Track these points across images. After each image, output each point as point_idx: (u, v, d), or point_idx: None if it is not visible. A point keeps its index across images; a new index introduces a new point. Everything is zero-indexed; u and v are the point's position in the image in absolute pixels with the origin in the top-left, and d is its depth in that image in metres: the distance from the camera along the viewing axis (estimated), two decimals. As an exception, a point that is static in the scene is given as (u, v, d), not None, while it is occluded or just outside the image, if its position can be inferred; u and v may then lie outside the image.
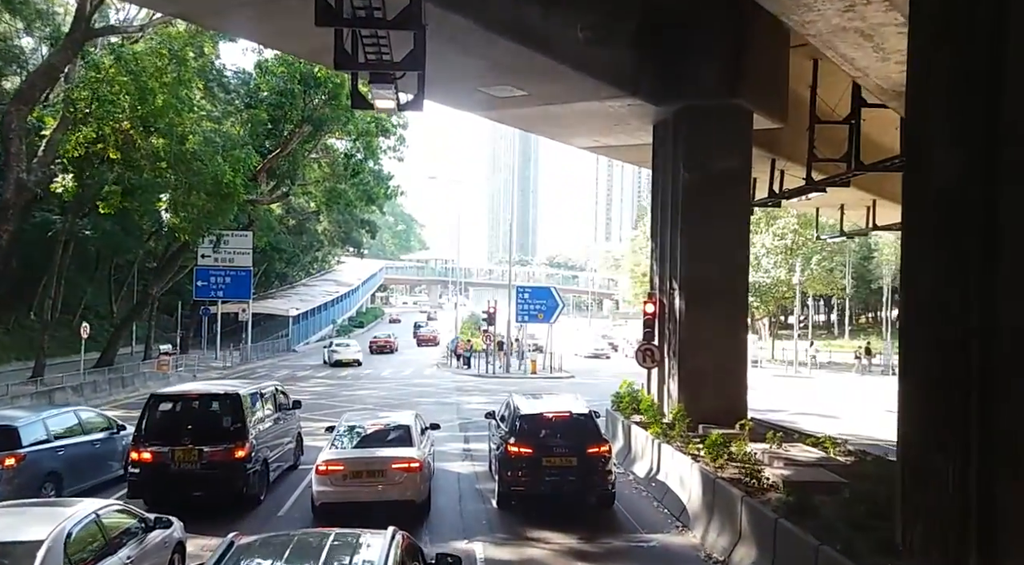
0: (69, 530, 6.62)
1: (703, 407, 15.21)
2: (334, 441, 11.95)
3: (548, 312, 36.39)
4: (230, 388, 12.96)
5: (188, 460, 11.74)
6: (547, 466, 11.74)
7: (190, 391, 13.43)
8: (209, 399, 12.94)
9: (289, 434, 14.78)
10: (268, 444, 13.17)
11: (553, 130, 19.42)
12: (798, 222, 47.99)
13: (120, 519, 7.71)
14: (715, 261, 15.75)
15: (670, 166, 16.64)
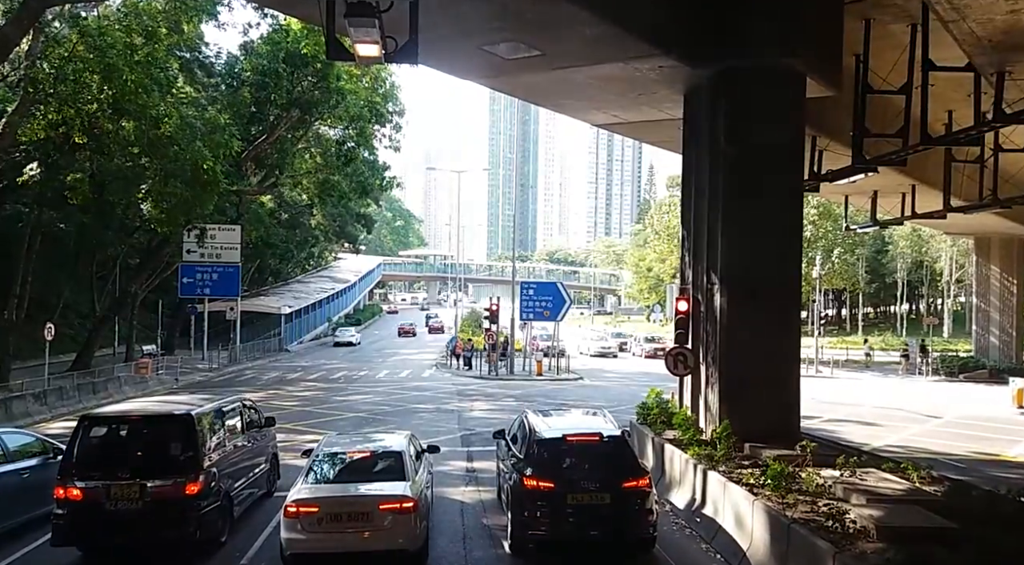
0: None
1: (748, 422, 12.88)
2: (308, 472, 9.62)
3: (554, 309, 34.08)
4: (181, 407, 10.54)
5: (127, 498, 9.37)
6: (572, 504, 9.37)
7: (130, 412, 10.99)
8: (154, 421, 10.51)
9: (261, 456, 12.47)
10: (231, 473, 10.76)
11: (567, 102, 17.04)
12: (817, 212, 45.71)
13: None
14: (763, 250, 13.41)
15: (706, 141, 14.29)
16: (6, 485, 10.68)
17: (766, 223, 13.45)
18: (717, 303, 13.62)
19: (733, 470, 11.48)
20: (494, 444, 17.36)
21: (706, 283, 14.07)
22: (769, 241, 13.46)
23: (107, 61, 22.88)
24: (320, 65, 29.51)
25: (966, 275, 64.77)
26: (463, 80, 15.61)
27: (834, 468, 11.08)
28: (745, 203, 13.51)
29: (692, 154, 15.21)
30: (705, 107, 14.37)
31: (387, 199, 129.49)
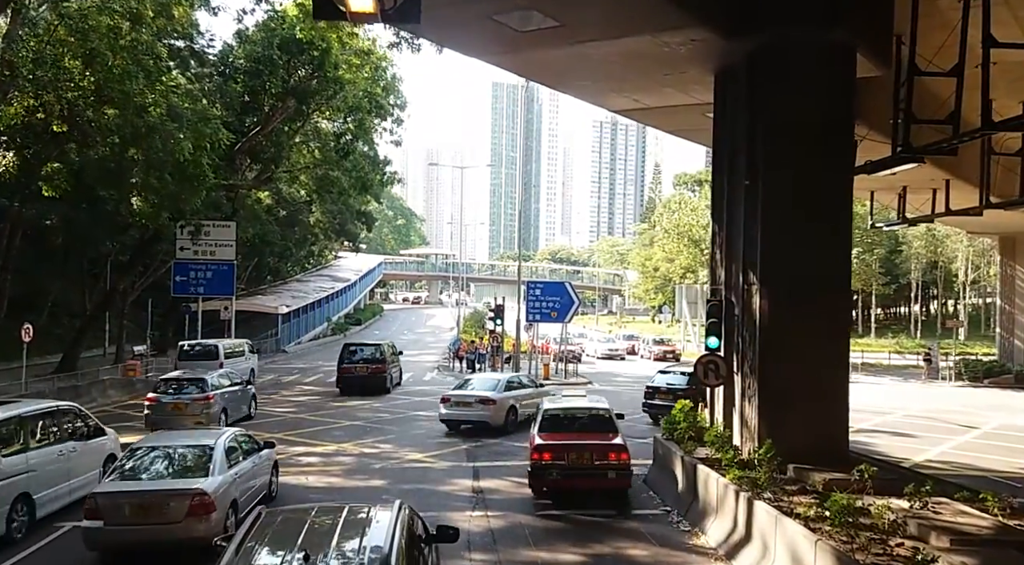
0: None
1: (791, 440, 11.38)
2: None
3: (562, 310, 32.55)
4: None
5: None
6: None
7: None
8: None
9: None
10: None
11: (583, 84, 15.55)
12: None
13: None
14: (809, 246, 11.92)
15: (743, 126, 12.80)
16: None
17: (813, 217, 11.94)
18: (756, 305, 12.12)
19: (780, 497, 10.00)
20: (503, 458, 15.99)
21: (742, 283, 12.56)
22: (816, 236, 11.95)
23: (89, 45, 21.46)
24: (317, 52, 28.02)
25: (982, 276, 63.25)
26: (469, 57, 14.13)
27: (899, 497, 9.59)
28: (788, 195, 12.00)
29: (725, 140, 13.72)
30: (741, 87, 12.87)
31: (388, 197, 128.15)
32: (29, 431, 11.14)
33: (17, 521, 10.43)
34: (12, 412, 11.09)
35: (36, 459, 10.99)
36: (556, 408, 13.83)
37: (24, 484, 10.58)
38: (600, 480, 12.17)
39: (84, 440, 12.35)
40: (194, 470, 10.15)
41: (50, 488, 11.17)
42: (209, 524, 9.40)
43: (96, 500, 9.41)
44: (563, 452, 12.17)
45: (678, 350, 48.76)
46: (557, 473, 12.13)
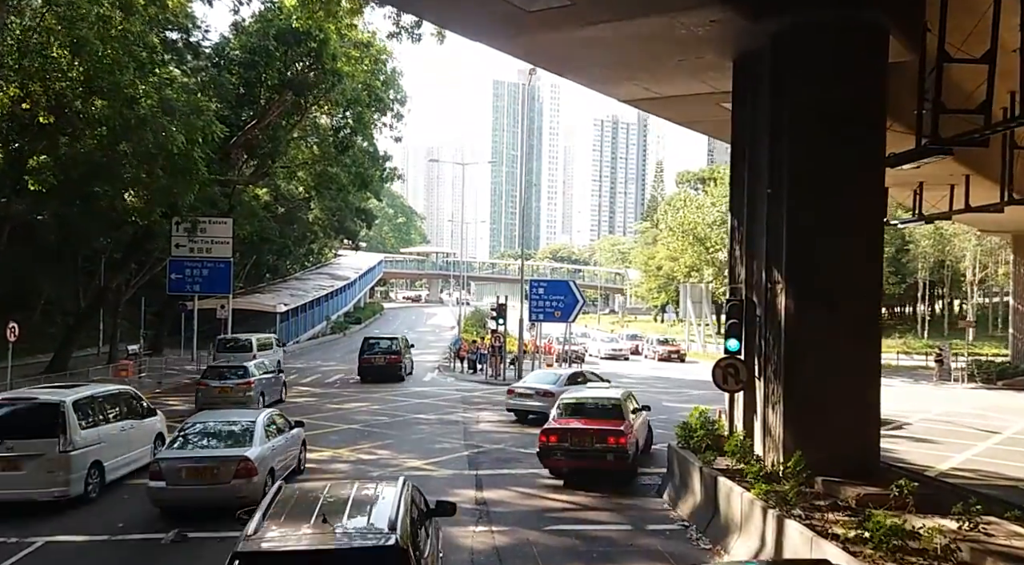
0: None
1: (820, 450, 10.56)
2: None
3: (566, 310, 31.74)
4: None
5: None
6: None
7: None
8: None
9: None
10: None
11: (592, 70, 14.72)
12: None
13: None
14: (838, 242, 11.09)
15: (765, 113, 11.99)
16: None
17: (842, 211, 11.12)
18: (780, 306, 11.30)
19: (811, 514, 9.19)
20: (507, 466, 15.19)
21: (765, 282, 11.74)
22: (846, 232, 11.12)
23: (77, 33, 20.64)
24: (314, 44, 27.19)
25: (989, 276, 62.38)
26: (472, 40, 13.31)
27: (943, 515, 8.78)
28: (816, 187, 11.18)
29: (745, 129, 12.91)
30: (763, 72, 12.05)
31: (389, 195, 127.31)
32: (99, 409, 13.23)
33: (92, 483, 12.44)
34: (87, 393, 13.39)
35: (105, 433, 13.06)
36: (572, 397, 15.11)
37: (97, 453, 12.63)
38: (599, 461, 13.33)
39: (140, 419, 14.52)
40: (239, 441, 12.06)
41: (115, 458, 13.25)
42: (252, 485, 11.29)
43: (160, 465, 11.42)
44: (567, 435, 13.48)
45: (683, 350, 47.96)
46: (561, 454, 13.51)
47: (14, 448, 11.68)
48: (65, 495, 11.81)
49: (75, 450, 12.03)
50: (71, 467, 11.92)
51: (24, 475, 11.62)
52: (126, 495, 12.83)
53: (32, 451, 11.72)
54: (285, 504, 6.39)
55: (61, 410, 12.05)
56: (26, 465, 11.66)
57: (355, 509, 6.39)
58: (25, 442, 11.76)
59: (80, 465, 12.08)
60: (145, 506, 11.65)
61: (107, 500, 12.51)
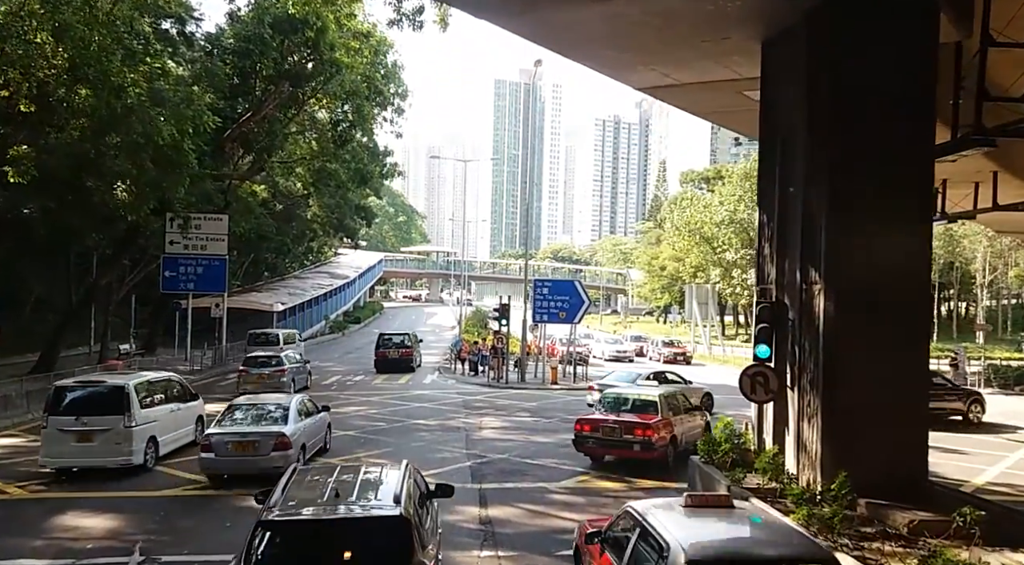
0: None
1: (862, 468, 9.55)
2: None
3: (571, 310, 30.69)
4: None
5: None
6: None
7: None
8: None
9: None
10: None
11: (608, 54, 13.68)
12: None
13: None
14: (884, 241, 10.06)
15: (799, 100, 10.96)
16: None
17: (888, 205, 10.08)
18: (818, 309, 10.26)
19: (860, 544, 8.16)
20: (514, 478, 14.16)
21: (800, 283, 10.70)
22: (892, 228, 10.09)
23: (60, 17, 19.58)
24: (312, 32, 26.12)
25: (999, 278, 61.39)
26: (478, 18, 12.26)
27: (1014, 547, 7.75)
28: (858, 179, 10.14)
29: (776, 118, 11.88)
30: (798, 54, 11.02)
31: (389, 194, 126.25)
32: (154, 392, 15.30)
33: (149, 455, 14.51)
34: (145, 378, 15.70)
35: (158, 413, 15.12)
36: (613, 393, 16.60)
37: (152, 430, 14.75)
38: (626, 450, 14.48)
39: (185, 402, 16.57)
40: (276, 420, 13.94)
41: (167, 434, 15.36)
42: (287, 458, 12.90)
43: (210, 439, 13.38)
44: (599, 425, 14.81)
45: (688, 352, 46.89)
46: (593, 442, 14.90)
47: (87, 423, 13.85)
48: (129, 463, 14.01)
49: (136, 426, 14.23)
50: (133, 440, 14.08)
51: (96, 446, 13.85)
52: (176, 466, 14.98)
53: (102, 426, 13.89)
54: (300, 482, 7.22)
55: (125, 391, 14.22)
56: (97, 438, 13.87)
57: (364, 486, 7.05)
58: (96, 418, 13.87)
59: (140, 439, 14.26)
60: (193, 474, 13.97)
61: (161, 469, 14.71)
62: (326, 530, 6.30)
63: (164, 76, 23.69)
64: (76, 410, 13.96)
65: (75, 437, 13.80)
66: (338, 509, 6.45)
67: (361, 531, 6.29)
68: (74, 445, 13.83)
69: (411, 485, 7.07)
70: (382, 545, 6.16)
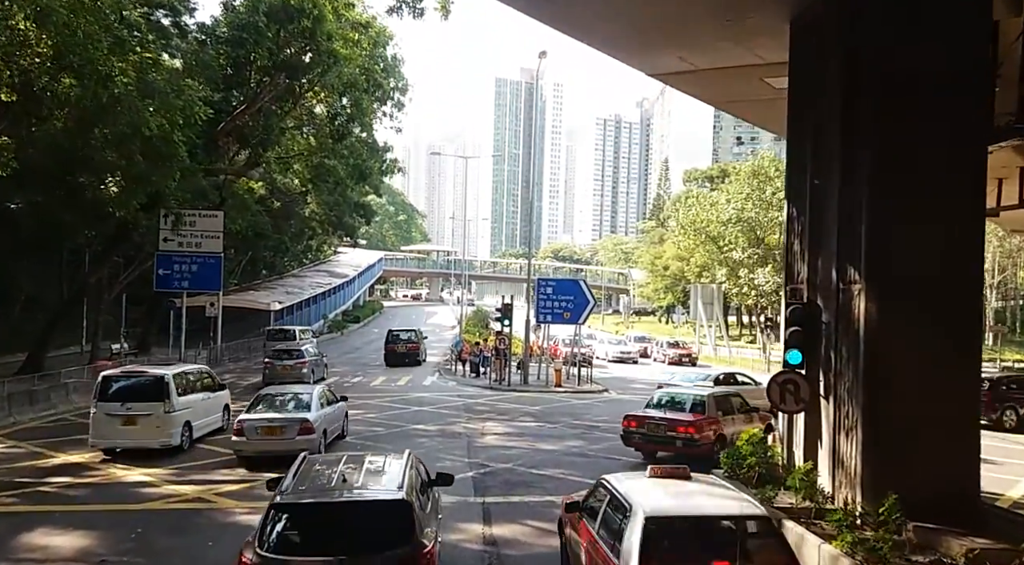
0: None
1: (908, 486, 8.60)
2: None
3: (576, 310, 29.73)
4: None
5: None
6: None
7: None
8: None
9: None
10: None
11: (623, 38, 12.77)
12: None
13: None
14: (932, 234, 9.12)
15: (835, 83, 10.05)
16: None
17: (937, 197, 9.15)
18: (858, 311, 9.33)
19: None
20: (519, 491, 13.26)
21: (836, 281, 9.78)
22: (941, 222, 9.16)
23: (42, 2, 18.64)
24: (308, 22, 25.17)
25: (1009, 279, 60.36)
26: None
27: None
28: (903, 169, 9.21)
29: (805, 106, 10.96)
30: (831, 34, 10.11)
31: (389, 192, 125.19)
32: (188, 382, 16.84)
33: (184, 438, 16.10)
34: (181, 369, 17.42)
35: (192, 400, 16.72)
36: (664, 392, 17.25)
37: (187, 415, 16.33)
38: (670, 446, 15.01)
39: (213, 392, 18.19)
40: (300, 407, 15.46)
41: (199, 420, 16.96)
42: (311, 441, 14.37)
43: (242, 424, 14.84)
44: (644, 421, 15.50)
45: (694, 353, 45.94)
46: (639, 437, 15.57)
47: (132, 409, 15.48)
48: (168, 445, 15.65)
49: (174, 411, 15.83)
50: (171, 424, 15.75)
51: (139, 429, 15.48)
52: (207, 449, 16.49)
53: (144, 411, 15.51)
54: (310, 470, 7.68)
55: (165, 381, 15.86)
56: (140, 421, 15.48)
57: (369, 474, 7.63)
58: (139, 404, 15.50)
59: (177, 423, 15.90)
60: (222, 454, 15.65)
61: (195, 451, 16.19)
62: (334, 512, 6.85)
63: (156, 67, 22.76)
64: (121, 397, 15.63)
65: (120, 421, 15.48)
66: (345, 493, 7.04)
67: (366, 513, 6.87)
68: (119, 428, 15.51)
69: (413, 473, 7.58)
70: (385, 526, 6.66)
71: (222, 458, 15.49)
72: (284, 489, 7.08)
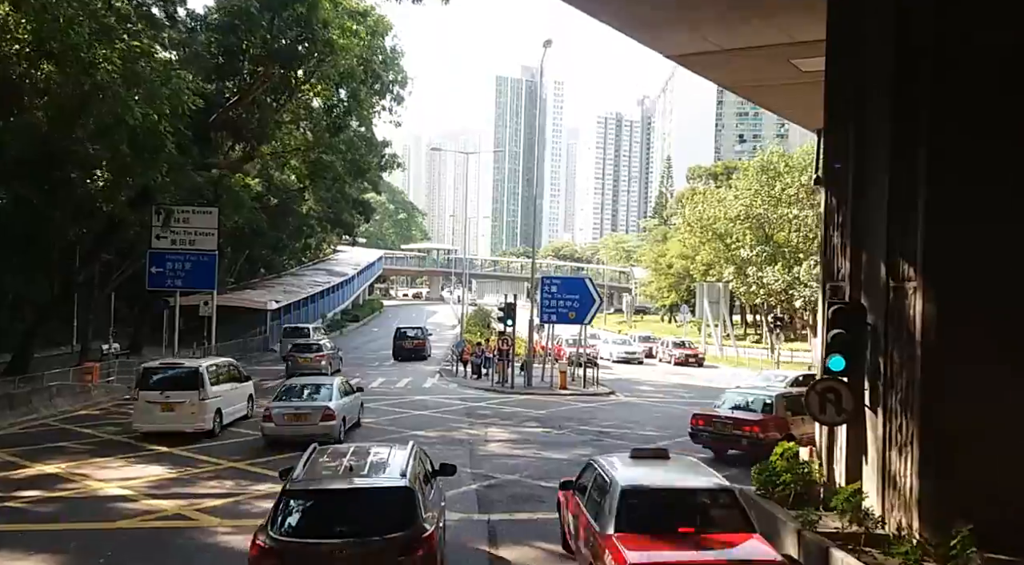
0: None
1: (975, 510, 7.54)
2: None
3: (581, 310, 28.69)
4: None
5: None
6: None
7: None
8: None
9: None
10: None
11: (640, 13, 11.69)
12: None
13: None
14: (1004, 227, 8.06)
15: (887, 56, 8.95)
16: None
17: (1009, 186, 8.08)
18: (912, 312, 8.27)
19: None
20: (527, 507, 12.23)
21: (885, 278, 8.73)
22: (1007, 210, 8.10)
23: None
24: (303, 8, 24.08)
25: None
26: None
27: None
28: (970, 154, 8.15)
29: (847, 85, 9.88)
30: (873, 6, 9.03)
31: (389, 191, 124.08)
32: (219, 373, 18.60)
33: (216, 424, 17.78)
34: (212, 361, 19.26)
35: (222, 390, 18.46)
36: (734, 392, 17.92)
37: (219, 403, 18.04)
38: (737, 445, 15.59)
39: (240, 383, 20.05)
40: (322, 396, 17.15)
41: (228, 408, 18.68)
42: (331, 427, 16.29)
43: (271, 411, 16.59)
44: (712, 420, 16.18)
45: (700, 353, 44.88)
46: (707, 435, 16.27)
47: (170, 396, 17.29)
48: (202, 429, 17.40)
49: (208, 399, 17.58)
50: (205, 411, 17.50)
51: (176, 414, 17.23)
52: (235, 434, 18.28)
53: (181, 399, 17.28)
54: (319, 460, 8.17)
55: (199, 372, 17.66)
56: (177, 408, 17.24)
57: (375, 463, 8.05)
58: (176, 393, 17.32)
59: (210, 410, 17.67)
60: (250, 438, 17.53)
61: (225, 435, 18.01)
62: (341, 498, 7.34)
63: (145, 57, 21.68)
64: (161, 386, 17.54)
65: (160, 407, 17.34)
66: (352, 481, 7.56)
67: (371, 499, 7.35)
68: (159, 414, 17.33)
69: (416, 463, 8.08)
70: (389, 511, 7.10)
71: (249, 440, 17.49)
72: (295, 477, 7.60)
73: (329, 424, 16.27)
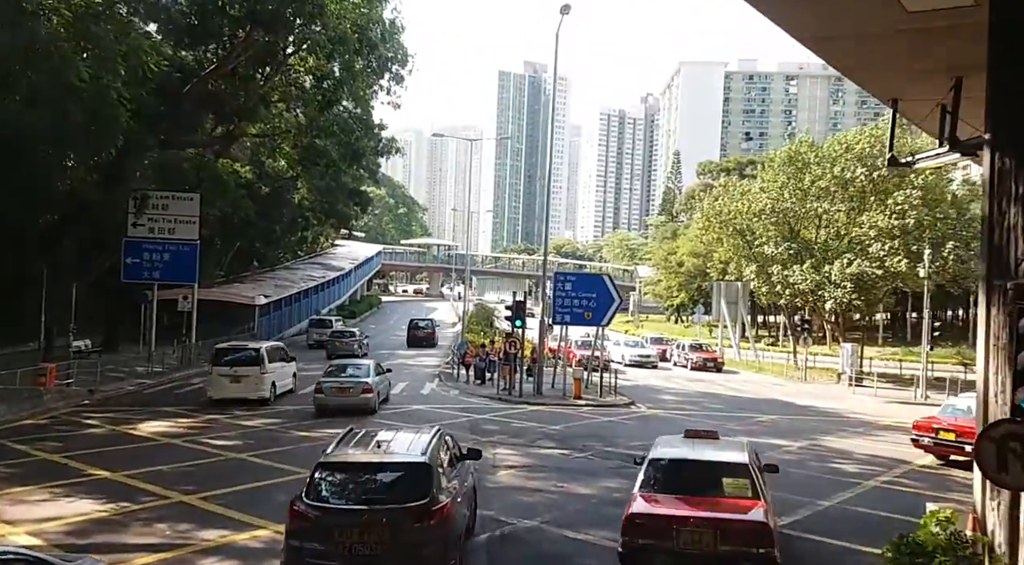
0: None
1: None
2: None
3: (598, 310, 25.74)
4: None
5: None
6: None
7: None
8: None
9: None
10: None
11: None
12: (922, 197, 37.16)
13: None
14: None
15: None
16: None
17: None
18: None
19: None
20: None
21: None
22: None
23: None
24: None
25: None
26: None
27: None
28: None
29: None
30: None
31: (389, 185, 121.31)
32: (270, 354, 23.49)
33: (271, 393, 22.90)
34: (268, 344, 24.84)
35: (274, 367, 23.54)
36: (959, 400, 17.82)
37: (273, 377, 23.21)
38: (959, 451, 15.53)
39: (287, 362, 25.19)
40: (360, 374, 21.52)
41: (280, 381, 23.85)
42: (369, 399, 20.76)
43: (321, 384, 20.99)
44: (934, 427, 16.47)
45: (719, 358, 41.94)
46: (927, 440, 16.56)
47: (238, 371, 22.15)
48: (263, 398, 22.16)
49: (266, 373, 22.43)
50: (264, 383, 22.33)
51: (242, 385, 22.04)
52: (286, 402, 23.04)
53: (247, 373, 22.12)
54: (352, 438, 9.43)
55: (261, 352, 22.68)
56: (243, 380, 22.05)
57: (401, 442, 9.17)
58: (243, 368, 22.24)
59: (268, 382, 22.51)
60: (300, 405, 22.25)
61: (279, 403, 22.76)
62: (367, 470, 8.52)
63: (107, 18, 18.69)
64: (230, 362, 22.37)
65: (229, 380, 22.03)
66: (378, 455, 8.69)
67: (393, 472, 8.51)
68: (228, 385, 22.01)
69: (438, 444, 9.22)
70: (408, 483, 8.25)
71: (299, 407, 22.02)
72: (329, 451, 8.80)
73: (368, 396, 20.41)
